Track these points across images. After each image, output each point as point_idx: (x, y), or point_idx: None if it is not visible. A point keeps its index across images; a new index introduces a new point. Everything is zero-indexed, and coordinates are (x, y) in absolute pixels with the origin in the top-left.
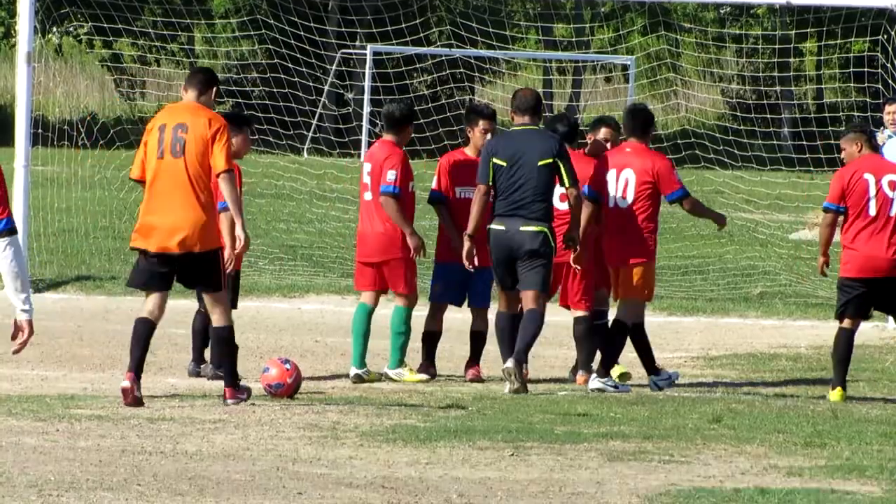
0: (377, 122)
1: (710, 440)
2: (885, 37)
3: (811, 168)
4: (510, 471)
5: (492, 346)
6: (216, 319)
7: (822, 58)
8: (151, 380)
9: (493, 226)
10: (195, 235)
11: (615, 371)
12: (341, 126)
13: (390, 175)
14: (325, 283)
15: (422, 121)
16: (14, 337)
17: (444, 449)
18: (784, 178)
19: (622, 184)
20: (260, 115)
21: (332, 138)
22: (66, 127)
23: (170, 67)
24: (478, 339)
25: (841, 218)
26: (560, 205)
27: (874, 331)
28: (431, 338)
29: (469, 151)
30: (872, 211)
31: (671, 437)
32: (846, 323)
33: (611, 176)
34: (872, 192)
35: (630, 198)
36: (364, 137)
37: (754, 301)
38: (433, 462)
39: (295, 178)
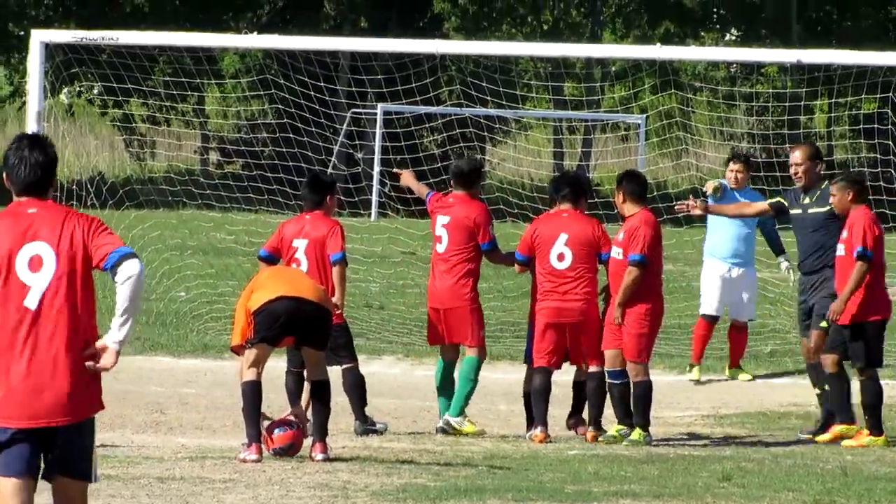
0: (386, 181)
1: (720, 498)
2: (895, 94)
3: None
4: None
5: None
6: (319, 374)
7: (832, 115)
8: (162, 439)
9: None
10: None
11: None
12: (351, 186)
13: (491, 231)
14: None
15: (431, 180)
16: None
17: None
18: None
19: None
20: (269, 174)
21: (343, 198)
22: (74, 187)
23: (180, 127)
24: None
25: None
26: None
27: (886, 388)
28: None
29: None
30: None
31: (681, 495)
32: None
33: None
34: None
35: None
36: (374, 197)
37: (764, 359)
38: None
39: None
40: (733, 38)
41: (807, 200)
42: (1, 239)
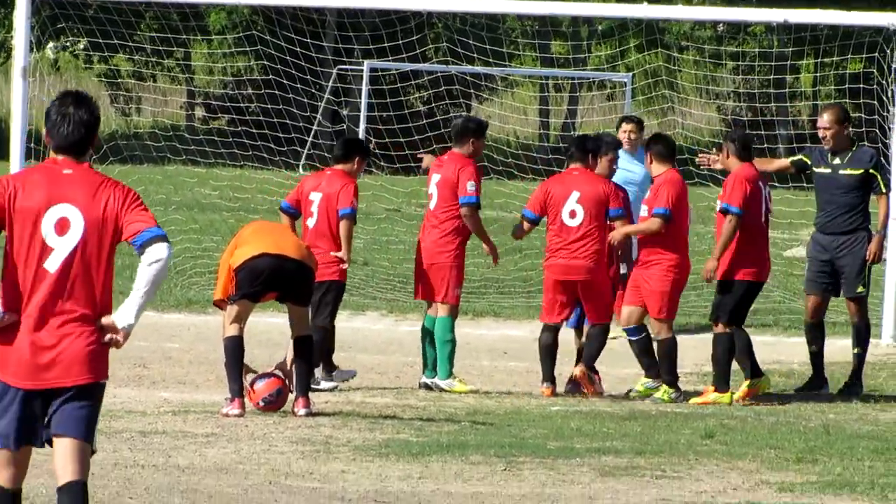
0: (371, 138)
1: (702, 456)
2: (881, 55)
3: (805, 185)
4: (502, 485)
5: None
6: (303, 329)
7: (818, 75)
8: (144, 394)
9: None
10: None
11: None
12: (336, 143)
13: (470, 186)
14: None
15: (416, 137)
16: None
17: (436, 463)
18: (779, 195)
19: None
20: (255, 131)
21: (328, 155)
22: None
23: (165, 83)
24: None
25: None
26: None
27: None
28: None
29: None
30: None
31: (663, 452)
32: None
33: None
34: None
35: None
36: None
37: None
38: (426, 476)
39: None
40: None
41: (837, 161)
42: (31, 195)
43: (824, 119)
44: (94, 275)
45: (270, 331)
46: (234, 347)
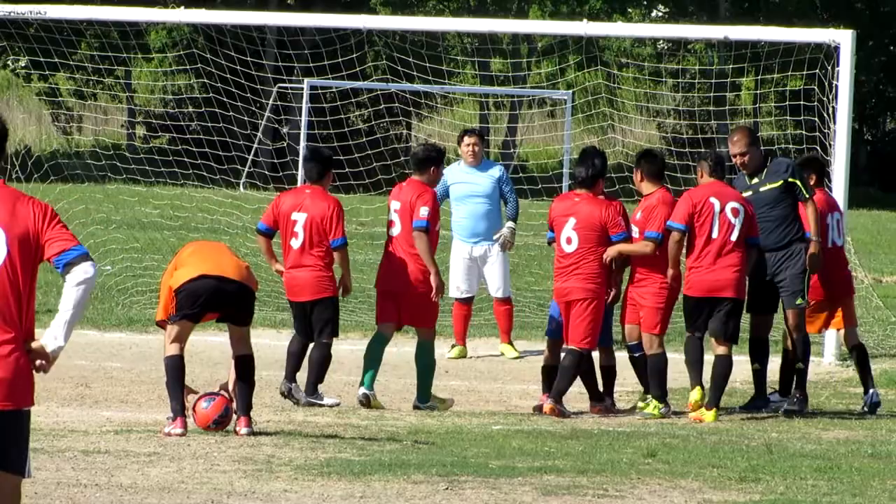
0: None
1: (644, 475)
2: (822, 72)
3: None
4: None
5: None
6: (244, 349)
7: (758, 92)
8: (87, 413)
9: None
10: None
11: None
12: (276, 161)
13: (423, 211)
14: (259, 318)
15: (356, 155)
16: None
17: (378, 483)
18: None
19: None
20: (195, 149)
21: (268, 173)
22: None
23: (107, 102)
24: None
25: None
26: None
27: (810, 366)
28: (550, 372)
29: None
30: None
31: (606, 471)
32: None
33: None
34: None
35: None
36: (300, 172)
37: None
38: (367, 496)
39: (230, 213)
40: (660, 14)
41: (756, 180)
42: None
43: (739, 145)
44: (18, 295)
45: (211, 350)
46: (175, 367)
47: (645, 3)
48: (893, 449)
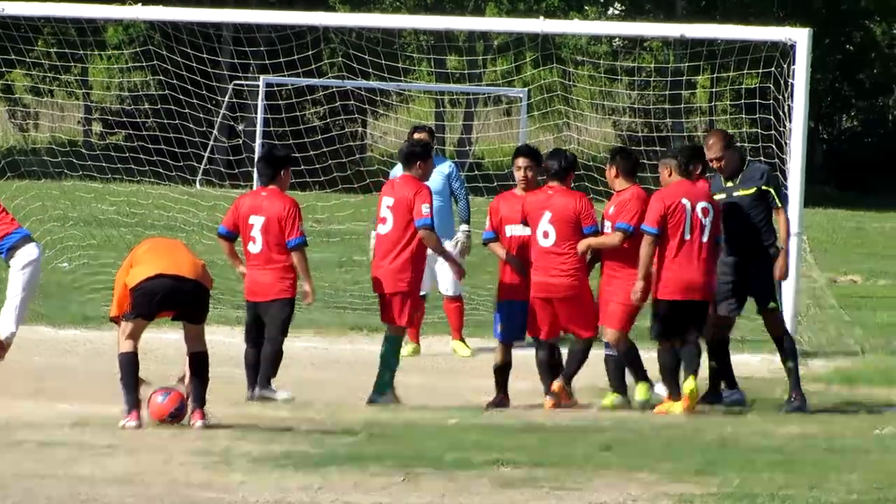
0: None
1: (600, 468)
2: (778, 70)
3: None
4: (401, 496)
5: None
6: (199, 346)
7: (714, 90)
8: (43, 406)
9: None
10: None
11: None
12: (232, 158)
13: (425, 209)
14: (214, 315)
15: (311, 153)
16: None
17: (335, 474)
18: None
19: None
20: (151, 146)
21: (223, 170)
22: None
23: (63, 99)
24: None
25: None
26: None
27: (763, 363)
28: (503, 370)
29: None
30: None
31: (562, 464)
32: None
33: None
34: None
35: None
36: (256, 170)
37: (645, 333)
38: (325, 487)
39: (186, 210)
40: (616, 12)
41: (730, 184)
42: None
43: (714, 150)
44: None
45: (166, 347)
46: (129, 363)
47: (601, 0)
48: (849, 443)
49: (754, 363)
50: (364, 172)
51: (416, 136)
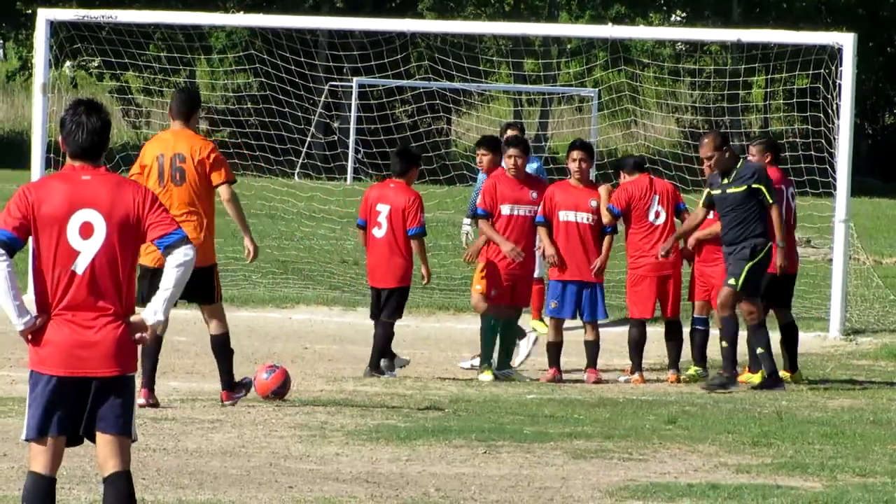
0: (360, 148)
1: (665, 440)
2: (826, 71)
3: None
4: (483, 467)
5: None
6: (214, 328)
7: (768, 90)
8: (156, 383)
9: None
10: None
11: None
12: (328, 153)
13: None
14: (313, 295)
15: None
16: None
17: (422, 447)
18: None
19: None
20: (253, 142)
21: (320, 164)
22: None
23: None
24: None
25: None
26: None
27: (816, 340)
28: (556, 347)
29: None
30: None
31: (630, 436)
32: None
33: None
34: None
35: None
36: (350, 164)
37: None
38: (413, 459)
39: (285, 200)
40: (678, 18)
41: (725, 181)
42: (55, 203)
43: (706, 150)
44: (119, 274)
45: (269, 325)
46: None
47: (665, 8)
48: (893, 416)
49: (807, 340)
50: (449, 166)
51: (509, 132)
